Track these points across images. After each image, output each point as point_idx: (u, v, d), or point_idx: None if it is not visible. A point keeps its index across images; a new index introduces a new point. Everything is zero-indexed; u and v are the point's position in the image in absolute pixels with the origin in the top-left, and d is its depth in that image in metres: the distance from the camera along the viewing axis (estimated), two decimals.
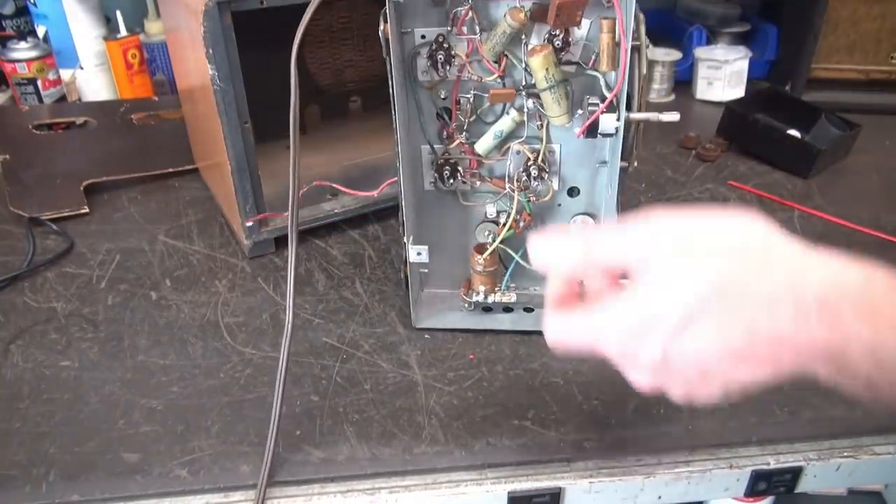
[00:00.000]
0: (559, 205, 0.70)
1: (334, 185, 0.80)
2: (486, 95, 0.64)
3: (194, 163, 1.03)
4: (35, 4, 1.24)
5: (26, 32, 1.26)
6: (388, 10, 0.58)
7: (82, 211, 0.94)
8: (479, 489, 0.57)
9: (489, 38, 0.61)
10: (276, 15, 0.69)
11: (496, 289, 0.71)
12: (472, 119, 0.66)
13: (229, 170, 0.79)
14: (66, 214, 0.93)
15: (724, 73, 1.23)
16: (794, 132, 1.05)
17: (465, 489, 0.57)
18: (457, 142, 0.66)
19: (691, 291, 0.34)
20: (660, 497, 0.60)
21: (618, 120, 0.60)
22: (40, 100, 1.22)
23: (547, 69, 0.59)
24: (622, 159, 0.63)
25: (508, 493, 0.57)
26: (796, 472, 0.60)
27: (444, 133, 0.67)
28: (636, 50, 0.59)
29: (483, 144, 0.66)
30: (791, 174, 1.01)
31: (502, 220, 0.69)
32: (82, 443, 0.61)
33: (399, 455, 0.59)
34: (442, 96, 0.65)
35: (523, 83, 0.63)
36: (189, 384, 0.67)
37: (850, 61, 1.26)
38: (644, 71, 0.59)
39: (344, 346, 0.71)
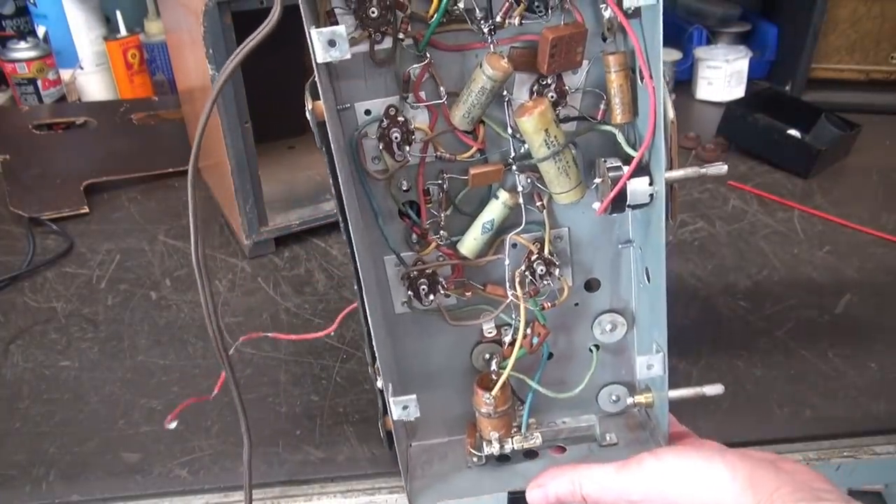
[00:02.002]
0: (576, 304, 0.54)
1: (270, 335, 0.62)
2: (465, 178, 0.48)
3: None
4: (35, 4, 1.24)
5: (26, 32, 1.26)
6: (319, 81, 0.41)
7: (82, 211, 0.94)
8: None
9: (461, 101, 0.45)
10: None
11: (513, 431, 0.54)
12: (448, 212, 0.50)
13: (229, 170, 0.79)
14: (66, 214, 0.93)
15: (724, 73, 1.23)
16: (794, 132, 1.05)
17: None
18: (432, 245, 0.50)
19: None
20: None
21: (652, 184, 0.44)
22: (40, 100, 1.22)
23: (546, 130, 0.44)
24: None
25: (508, 492, 0.57)
26: None
27: (414, 235, 0.50)
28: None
29: (469, 244, 0.50)
30: (791, 174, 1.01)
31: (507, 339, 0.53)
32: (82, 443, 0.61)
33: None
34: (404, 187, 0.49)
35: (512, 154, 0.48)
36: (189, 384, 0.67)
37: (850, 61, 1.25)
38: (672, 115, 0.43)
39: (344, 346, 0.71)
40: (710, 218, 0.91)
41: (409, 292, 0.51)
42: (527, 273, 0.50)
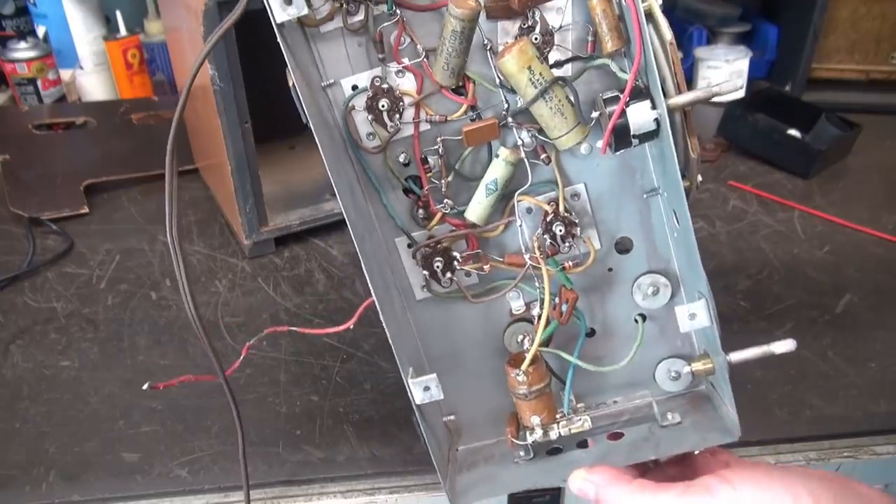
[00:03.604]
0: (610, 269, 0.49)
1: (293, 329, 0.60)
2: (460, 139, 0.46)
3: (194, 163, 1.03)
4: (35, 4, 1.24)
5: (26, 32, 1.26)
6: (282, 44, 0.41)
7: (82, 211, 0.94)
8: None
9: (438, 53, 0.43)
10: None
11: (557, 416, 0.49)
12: (449, 178, 0.47)
13: (229, 170, 0.79)
14: (66, 214, 0.93)
15: (724, 73, 1.23)
16: (794, 132, 1.05)
17: None
18: (438, 216, 0.47)
19: None
20: None
21: (654, 107, 0.41)
22: (40, 100, 1.22)
23: (530, 68, 0.42)
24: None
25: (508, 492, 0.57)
26: None
27: (419, 210, 0.48)
28: (647, 14, 0.41)
29: (476, 209, 0.46)
30: (791, 174, 1.01)
31: (535, 312, 0.49)
32: (82, 443, 0.61)
33: (399, 455, 0.59)
34: (402, 160, 0.47)
35: (505, 107, 0.45)
36: (189, 384, 0.66)
37: (850, 61, 1.25)
38: (668, 36, 0.41)
39: (344, 346, 0.71)
40: (710, 218, 0.91)
41: (425, 272, 0.48)
42: (545, 237, 0.47)
